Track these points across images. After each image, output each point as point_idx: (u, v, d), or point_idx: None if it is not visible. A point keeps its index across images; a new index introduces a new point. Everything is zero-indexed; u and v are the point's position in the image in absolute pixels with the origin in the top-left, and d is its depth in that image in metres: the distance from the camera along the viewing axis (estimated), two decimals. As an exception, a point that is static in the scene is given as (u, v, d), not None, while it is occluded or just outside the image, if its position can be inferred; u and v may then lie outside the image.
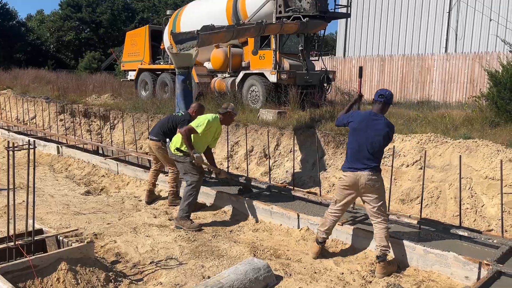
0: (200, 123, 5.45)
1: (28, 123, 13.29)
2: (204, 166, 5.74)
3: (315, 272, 4.26)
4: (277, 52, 11.64)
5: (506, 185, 5.55)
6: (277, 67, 11.56)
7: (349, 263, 4.47)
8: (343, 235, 4.85)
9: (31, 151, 3.62)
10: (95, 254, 4.47)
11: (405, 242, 4.36)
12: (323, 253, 4.61)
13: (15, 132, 11.24)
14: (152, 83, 14.99)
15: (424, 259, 4.21)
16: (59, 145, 9.13)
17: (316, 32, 12.41)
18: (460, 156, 4.79)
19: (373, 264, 4.35)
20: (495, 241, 4.40)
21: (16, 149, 3.57)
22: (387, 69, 15.06)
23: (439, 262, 4.11)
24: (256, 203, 5.70)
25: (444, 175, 6.15)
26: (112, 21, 40.41)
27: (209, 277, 3.95)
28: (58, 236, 4.01)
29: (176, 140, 5.57)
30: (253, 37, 11.26)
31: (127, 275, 4.06)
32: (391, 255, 4.37)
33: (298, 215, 5.21)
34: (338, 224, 4.90)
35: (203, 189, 6.19)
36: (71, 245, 3.81)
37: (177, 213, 5.38)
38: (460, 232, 4.63)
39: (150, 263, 4.32)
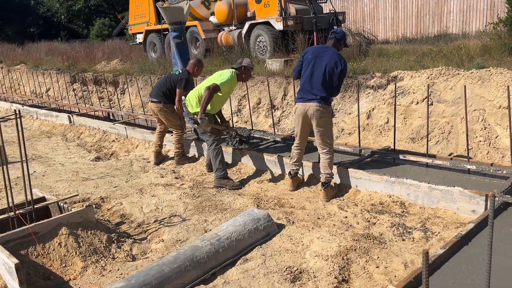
0: (222, 83, 5.11)
1: (43, 96, 13.46)
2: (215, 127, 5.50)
3: (319, 218, 4.21)
4: (282, -2, 11.17)
5: (520, 114, 5.26)
6: (283, 13, 11.12)
7: (354, 206, 4.39)
8: (347, 179, 4.75)
9: (19, 121, 3.61)
10: (101, 216, 4.58)
11: (406, 181, 4.23)
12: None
13: (29, 106, 11.40)
14: (160, 43, 14.76)
15: (429, 196, 4.09)
16: (71, 115, 9.21)
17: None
18: (465, 86, 4.51)
19: (375, 205, 4.27)
20: (504, 171, 4.21)
21: (1, 120, 3.57)
22: (401, 4, 14.27)
23: (445, 198, 3.98)
24: (260, 154, 5.62)
25: (455, 109, 5.88)
26: (120, -16, 39.59)
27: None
28: (59, 203, 4.07)
29: (195, 102, 5.32)
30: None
31: (131, 235, 4.13)
32: (333, 180, 4.73)
33: (302, 163, 5.11)
34: (343, 168, 4.80)
35: (203, 144, 6.17)
36: (71, 210, 3.86)
37: (214, 174, 5.26)
38: (468, 166, 4.44)
39: (154, 221, 4.36)
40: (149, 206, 4.70)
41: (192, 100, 5.36)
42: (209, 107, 5.19)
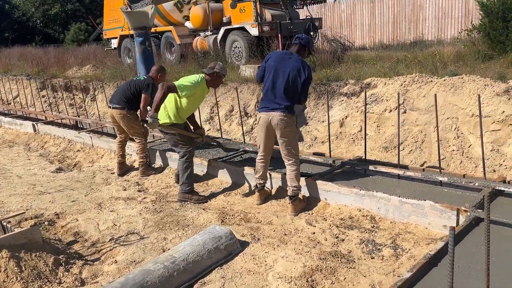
0: (184, 84, 4.74)
1: (12, 103, 12.95)
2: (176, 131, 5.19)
3: (285, 234, 3.98)
4: (257, 3, 10.97)
5: (494, 122, 5.15)
6: (259, 19, 10.93)
7: (323, 221, 4.17)
8: (316, 191, 4.53)
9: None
10: (53, 235, 4.27)
11: (376, 194, 4.03)
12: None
13: (-6, 114, 10.93)
14: (135, 48, 14.41)
15: (400, 210, 3.90)
16: (35, 123, 8.80)
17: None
18: (435, 95, 4.36)
19: (344, 219, 4.07)
20: (476, 184, 4.04)
21: None
22: (377, 10, 14.24)
23: (415, 212, 3.79)
24: (228, 165, 5.38)
25: (429, 117, 5.74)
26: (97, -11, 38.95)
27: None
28: (2, 222, 3.74)
29: (162, 112, 4.90)
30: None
31: (83, 256, 3.82)
32: (302, 193, 4.53)
33: (270, 175, 4.88)
34: (312, 180, 4.58)
35: (168, 153, 5.92)
36: (14, 230, 3.54)
37: (180, 187, 4.96)
38: (440, 178, 4.27)
39: (110, 240, 4.07)
40: (106, 223, 4.40)
41: (159, 110, 5.05)
42: (174, 115, 4.88)
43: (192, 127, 5.48)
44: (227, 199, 4.91)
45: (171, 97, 4.90)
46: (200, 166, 5.68)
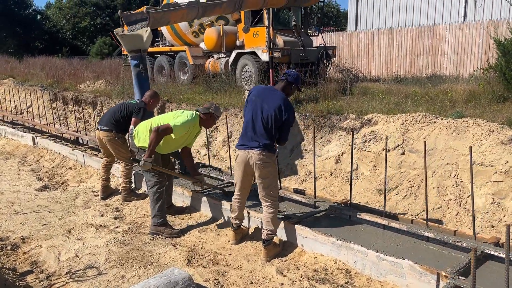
0: (177, 122, 4.52)
1: (24, 112, 13.07)
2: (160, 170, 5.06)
3: (252, 283, 3.67)
4: (270, 29, 10.84)
5: (496, 172, 4.76)
6: (271, 44, 10.78)
7: (295, 270, 3.84)
8: (293, 236, 4.21)
9: None
10: (12, 261, 4.08)
11: (354, 246, 3.69)
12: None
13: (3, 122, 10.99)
14: (150, 66, 14.49)
15: (377, 267, 3.54)
16: (35, 136, 8.77)
17: (311, 5, 11.54)
18: (425, 142, 4.03)
19: (318, 271, 3.73)
20: (464, 244, 3.65)
21: None
22: (396, 42, 13.94)
23: (394, 271, 3.43)
24: (208, 199, 5.11)
25: (428, 160, 5.37)
26: (127, 5, 39.97)
27: (123, 291, 3.43)
28: (-49, 247, 3.56)
29: (145, 135, 4.71)
30: (227, 14, 10.55)
31: (32, 289, 3.59)
32: (277, 238, 4.26)
33: (248, 213, 4.59)
34: (290, 223, 4.27)
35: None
36: (-42, 259, 3.35)
37: (152, 220, 4.69)
38: (426, 233, 3.90)
39: (66, 273, 3.83)
40: (69, 253, 4.17)
41: (141, 133, 4.83)
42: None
43: (191, 172, 5.16)
44: (201, 236, 4.63)
45: (155, 123, 4.71)
46: (181, 196, 5.44)
